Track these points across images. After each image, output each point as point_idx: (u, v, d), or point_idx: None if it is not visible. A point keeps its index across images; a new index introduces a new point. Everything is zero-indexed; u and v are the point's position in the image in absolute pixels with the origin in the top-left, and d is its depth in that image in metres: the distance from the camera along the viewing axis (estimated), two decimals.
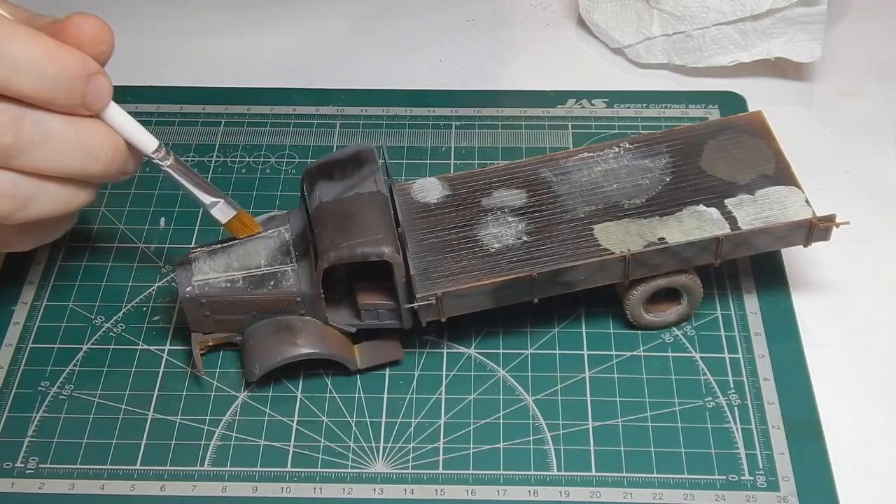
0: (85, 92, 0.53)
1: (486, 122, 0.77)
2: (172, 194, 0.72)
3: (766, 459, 0.58)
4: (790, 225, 0.61)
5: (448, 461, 0.59)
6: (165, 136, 0.76)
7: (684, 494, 0.57)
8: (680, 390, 0.61)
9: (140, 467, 0.59)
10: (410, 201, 0.64)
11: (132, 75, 0.81)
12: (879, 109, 0.78)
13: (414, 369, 0.63)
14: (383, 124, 0.77)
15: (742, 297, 0.66)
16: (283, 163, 0.74)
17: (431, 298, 0.59)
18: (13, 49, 0.50)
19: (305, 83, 0.80)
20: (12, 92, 0.51)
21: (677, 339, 0.64)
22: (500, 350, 0.64)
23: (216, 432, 0.60)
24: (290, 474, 0.59)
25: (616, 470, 0.58)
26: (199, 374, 0.62)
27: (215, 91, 0.79)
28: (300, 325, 0.61)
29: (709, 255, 0.61)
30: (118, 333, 0.65)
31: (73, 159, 0.53)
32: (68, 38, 0.53)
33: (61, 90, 0.52)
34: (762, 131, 0.66)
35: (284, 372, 0.62)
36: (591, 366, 0.63)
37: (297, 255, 0.61)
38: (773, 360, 0.63)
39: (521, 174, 0.65)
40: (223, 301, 0.60)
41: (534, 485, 0.58)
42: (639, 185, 0.64)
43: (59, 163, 0.53)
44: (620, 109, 0.77)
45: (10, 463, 0.59)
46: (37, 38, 0.51)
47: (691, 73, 0.80)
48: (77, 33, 0.53)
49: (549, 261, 0.60)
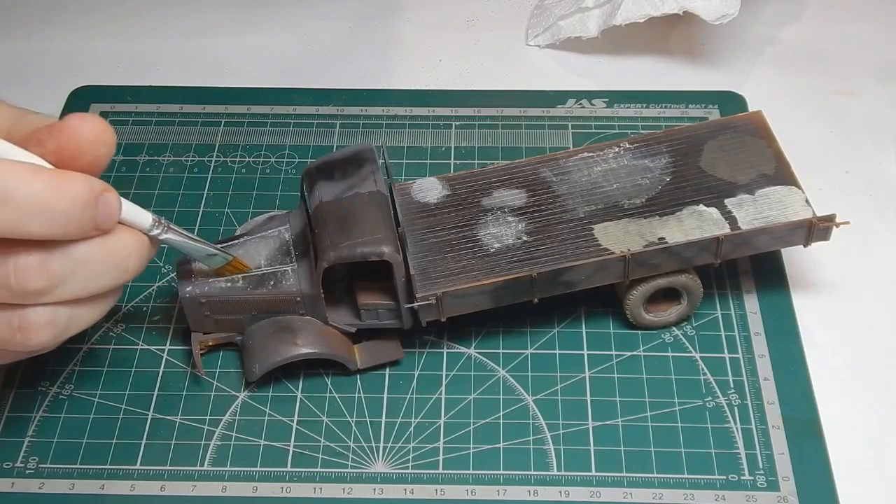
0: (96, 216, 0.50)
1: (486, 122, 0.77)
2: (172, 194, 0.72)
3: (766, 459, 0.58)
4: (790, 225, 0.61)
5: (448, 461, 0.59)
6: (165, 136, 0.76)
7: (684, 494, 0.57)
8: (680, 390, 0.61)
9: (140, 467, 0.59)
10: (410, 201, 0.64)
11: (132, 75, 0.81)
12: (879, 109, 0.78)
13: (414, 369, 0.63)
14: (383, 124, 0.77)
15: (742, 297, 0.66)
16: (283, 163, 0.74)
17: (431, 298, 0.59)
18: (18, 194, 0.47)
19: (305, 83, 0.80)
20: (26, 235, 0.48)
21: (677, 339, 0.64)
22: (500, 350, 0.64)
23: (216, 432, 0.60)
24: (290, 474, 0.59)
25: (616, 470, 0.58)
26: (199, 374, 0.62)
27: (215, 91, 0.79)
28: (300, 325, 0.61)
29: (709, 254, 0.61)
30: (118, 333, 0.65)
31: (107, 278, 0.52)
32: (67, 141, 0.49)
33: (74, 223, 0.49)
34: (762, 131, 0.66)
35: (284, 372, 0.62)
36: (591, 366, 0.63)
37: (297, 255, 0.61)
38: (773, 359, 0.63)
39: (521, 174, 0.65)
40: (223, 301, 0.60)
41: (534, 485, 0.58)
42: (639, 184, 0.64)
43: (94, 285, 0.52)
44: (620, 109, 0.77)
45: (10, 463, 0.59)
46: (39, 175, 0.48)
47: (691, 73, 0.80)
48: (76, 137, 0.50)
49: (549, 261, 0.60)
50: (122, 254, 0.52)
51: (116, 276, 0.52)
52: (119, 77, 0.81)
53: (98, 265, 0.51)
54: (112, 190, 0.50)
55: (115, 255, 0.52)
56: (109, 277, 0.52)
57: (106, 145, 0.50)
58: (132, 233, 0.53)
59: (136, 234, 0.53)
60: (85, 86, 0.79)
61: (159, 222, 0.54)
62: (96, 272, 0.51)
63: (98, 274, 0.51)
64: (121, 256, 0.52)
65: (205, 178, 0.73)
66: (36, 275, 0.49)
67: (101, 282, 0.52)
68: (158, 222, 0.54)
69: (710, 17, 0.76)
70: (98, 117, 0.51)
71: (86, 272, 0.51)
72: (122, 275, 0.52)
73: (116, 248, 0.52)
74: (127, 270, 0.52)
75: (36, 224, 0.48)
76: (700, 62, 0.82)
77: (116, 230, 0.52)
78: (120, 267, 0.52)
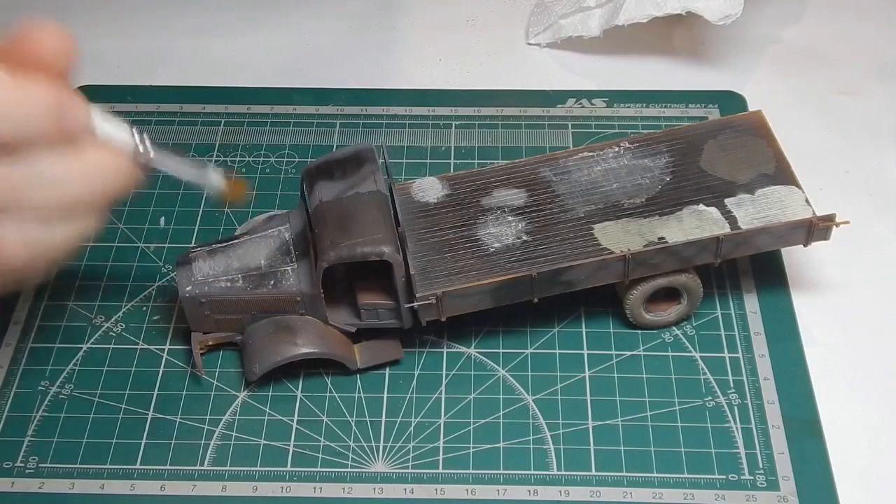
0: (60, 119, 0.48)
1: (485, 122, 0.77)
2: (172, 194, 0.72)
3: (766, 459, 0.58)
4: (790, 224, 0.61)
5: (448, 461, 0.59)
6: (165, 136, 0.76)
7: (684, 494, 0.57)
8: (680, 390, 0.61)
9: (140, 467, 0.59)
10: (410, 201, 0.64)
11: (132, 75, 0.81)
12: (879, 109, 0.78)
13: (414, 369, 0.63)
14: (383, 124, 0.77)
15: (742, 297, 0.66)
16: (283, 162, 0.74)
17: (431, 298, 0.59)
18: None
19: (305, 83, 0.80)
20: None
21: (677, 338, 0.64)
22: (500, 350, 0.64)
23: (216, 432, 0.60)
24: (290, 474, 0.59)
25: (616, 469, 0.58)
26: (199, 373, 0.62)
27: (215, 91, 0.79)
28: (300, 325, 0.61)
29: (709, 254, 0.61)
30: (118, 333, 0.65)
31: (76, 187, 0.50)
32: (28, 54, 0.48)
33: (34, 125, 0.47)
34: (762, 131, 0.66)
35: (284, 372, 0.62)
36: (591, 365, 0.63)
37: (297, 255, 0.61)
38: (773, 359, 0.63)
39: (521, 174, 0.65)
40: (223, 301, 0.60)
41: (534, 484, 0.58)
42: (639, 184, 0.64)
43: (63, 196, 0.49)
44: (620, 109, 0.77)
45: (10, 462, 0.59)
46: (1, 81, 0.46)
47: (691, 73, 0.80)
48: (37, 47, 0.48)
49: (548, 260, 0.60)
50: (94, 168, 0.50)
51: (88, 192, 0.50)
52: (119, 77, 0.81)
53: (66, 178, 0.49)
54: (81, 97, 0.49)
55: (86, 168, 0.50)
56: (78, 192, 0.50)
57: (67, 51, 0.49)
58: (109, 150, 0.50)
59: (113, 152, 0.51)
60: (85, 86, 0.79)
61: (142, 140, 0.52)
62: (65, 187, 0.49)
63: (68, 189, 0.49)
64: (92, 171, 0.50)
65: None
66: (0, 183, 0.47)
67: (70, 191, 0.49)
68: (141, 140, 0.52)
69: (714, 18, 0.76)
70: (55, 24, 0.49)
71: (53, 186, 0.49)
72: (93, 191, 0.50)
73: (89, 163, 0.50)
74: (100, 188, 0.50)
75: None
76: (700, 62, 0.82)
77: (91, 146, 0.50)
78: (91, 181, 0.50)
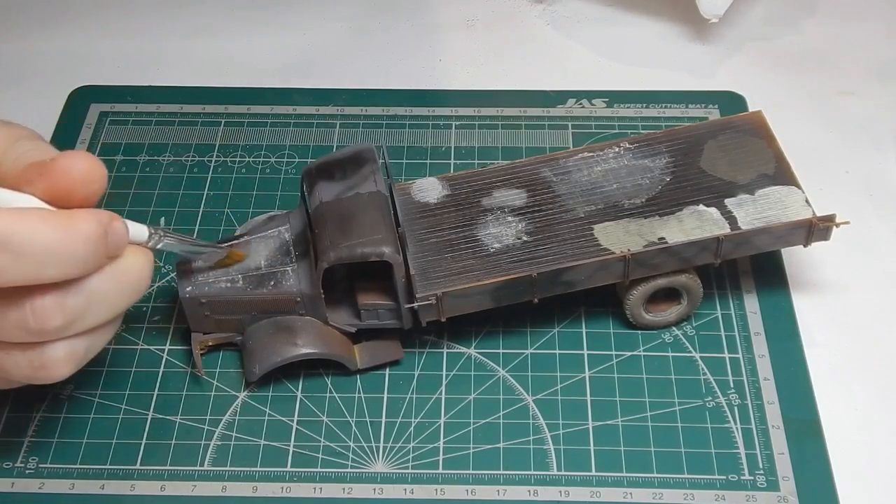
0: (107, 248, 0.50)
1: (485, 122, 0.77)
2: (172, 194, 0.72)
3: (766, 459, 0.58)
4: (790, 225, 0.61)
5: (448, 461, 0.59)
6: (165, 136, 0.76)
7: (684, 494, 0.57)
8: (680, 390, 0.61)
9: (140, 467, 0.59)
10: (410, 201, 0.64)
11: (132, 75, 0.81)
12: (879, 109, 0.78)
13: (414, 369, 0.63)
14: (383, 124, 0.77)
15: (742, 297, 0.66)
16: (283, 163, 0.74)
17: (431, 298, 0.59)
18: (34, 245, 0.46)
19: (305, 83, 0.80)
20: (45, 281, 0.48)
21: (677, 338, 0.64)
22: (500, 350, 0.64)
23: (216, 432, 0.60)
24: (290, 474, 0.59)
25: (616, 470, 0.58)
26: (199, 374, 0.62)
27: (215, 91, 0.79)
28: (300, 325, 0.61)
29: (709, 254, 0.61)
30: (118, 333, 0.65)
31: (122, 302, 0.52)
32: (59, 181, 0.49)
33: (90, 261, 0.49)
34: (762, 131, 0.66)
35: (284, 372, 0.62)
36: (591, 366, 0.63)
37: (297, 255, 0.61)
38: (773, 359, 0.63)
39: (521, 174, 0.65)
40: (223, 301, 0.60)
41: (534, 484, 0.58)
42: (639, 184, 0.64)
43: (111, 312, 0.51)
44: (620, 109, 0.77)
45: (10, 463, 0.59)
46: (48, 222, 0.47)
47: (691, 73, 0.80)
48: (66, 177, 0.49)
49: (549, 261, 0.60)
50: (132, 275, 0.51)
51: (130, 298, 0.52)
52: (119, 77, 0.81)
53: (113, 292, 0.51)
54: (118, 217, 0.50)
55: (127, 278, 0.51)
56: (125, 301, 0.52)
57: (97, 181, 0.50)
58: (137, 251, 0.52)
59: (141, 251, 0.52)
60: (85, 86, 0.79)
61: (156, 232, 0.54)
62: (112, 299, 0.51)
63: (114, 301, 0.51)
64: (132, 278, 0.51)
65: (205, 178, 0.73)
66: (53, 314, 0.49)
67: (116, 307, 0.51)
68: (155, 232, 0.54)
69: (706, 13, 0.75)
70: (88, 154, 0.50)
71: (102, 302, 0.50)
72: (135, 294, 0.52)
73: (127, 271, 0.51)
74: (139, 290, 0.52)
75: (53, 269, 0.47)
76: (700, 62, 0.82)
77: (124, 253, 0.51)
78: (132, 288, 0.52)
